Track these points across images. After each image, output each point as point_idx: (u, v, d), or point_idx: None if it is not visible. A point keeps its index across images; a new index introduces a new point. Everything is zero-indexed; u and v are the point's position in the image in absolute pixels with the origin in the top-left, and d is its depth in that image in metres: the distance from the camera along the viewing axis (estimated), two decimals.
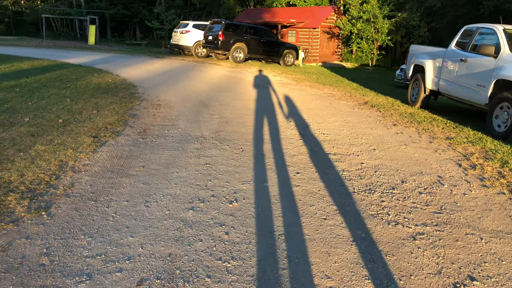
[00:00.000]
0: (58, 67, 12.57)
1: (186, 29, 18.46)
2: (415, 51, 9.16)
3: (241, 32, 16.59)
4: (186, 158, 4.35)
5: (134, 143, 4.85)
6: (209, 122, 6.18)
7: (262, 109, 7.41)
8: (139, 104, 7.38)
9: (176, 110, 6.98)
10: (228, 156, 4.49)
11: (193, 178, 3.76)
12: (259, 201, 3.29)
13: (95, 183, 3.53)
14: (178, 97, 8.28)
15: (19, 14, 35.70)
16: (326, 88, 10.94)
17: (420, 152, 4.99)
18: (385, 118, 7.02)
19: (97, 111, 6.47)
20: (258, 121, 6.36)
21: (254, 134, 5.53)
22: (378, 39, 19.54)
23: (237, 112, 6.99)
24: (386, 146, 5.20)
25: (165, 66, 14.87)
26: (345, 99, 9.06)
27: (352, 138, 5.55)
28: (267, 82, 11.52)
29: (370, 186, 3.77)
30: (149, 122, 5.98)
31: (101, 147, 4.59)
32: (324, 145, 5.13)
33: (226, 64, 16.14)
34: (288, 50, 17.94)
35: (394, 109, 7.89)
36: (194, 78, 11.49)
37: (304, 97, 9.02)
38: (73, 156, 4.18)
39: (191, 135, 5.34)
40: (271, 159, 4.45)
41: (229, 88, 9.92)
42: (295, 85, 11.18)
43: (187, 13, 35.08)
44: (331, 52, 24.35)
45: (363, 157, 4.71)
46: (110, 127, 5.49)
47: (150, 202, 3.19)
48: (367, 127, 6.28)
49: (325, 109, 7.64)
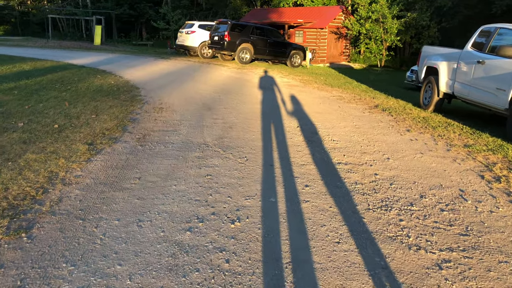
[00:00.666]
0: (60, 68, 12.35)
1: (192, 29, 18.19)
2: (428, 52, 8.79)
3: (247, 32, 16.28)
4: (186, 168, 4.05)
5: (132, 151, 4.55)
6: (213, 127, 5.88)
7: (268, 112, 7.10)
8: (140, 107, 7.10)
9: (179, 114, 6.68)
10: (232, 166, 4.18)
11: (192, 192, 3.45)
12: (265, 221, 2.97)
13: (86, 198, 3.23)
14: (182, 100, 7.99)
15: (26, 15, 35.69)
16: (335, 90, 10.59)
17: (438, 161, 4.64)
18: (397, 123, 6.67)
19: (96, 115, 6.19)
20: (264, 126, 6.04)
21: (259, 141, 5.21)
22: (387, 40, 19.11)
23: (242, 116, 6.68)
24: (400, 155, 4.85)
25: (170, 67, 14.61)
26: (355, 102, 8.72)
27: (364, 146, 5.21)
28: (274, 83, 11.20)
29: (386, 202, 3.43)
30: (149, 127, 5.68)
31: (96, 156, 4.29)
32: (334, 153, 4.80)
33: (232, 65, 15.84)
34: (295, 50, 17.60)
35: (406, 113, 7.53)
36: (199, 80, 11.20)
37: (312, 100, 8.69)
38: (64, 166, 3.89)
39: (192, 142, 5.04)
40: (277, 170, 4.13)
41: (234, 90, 9.61)
42: (303, 87, 10.84)
43: (193, 13, 34.86)
44: (338, 53, 23.96)
45: (377, 167, 4.37)
46: (107, 133, 5.21)
47: (143, 221, 2.89)
48: (379, 133, 5.94)
49: (334, 113, 7.31)
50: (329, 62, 22.93)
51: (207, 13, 34.79)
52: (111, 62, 15.30)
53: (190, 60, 17.17)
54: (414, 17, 20.01)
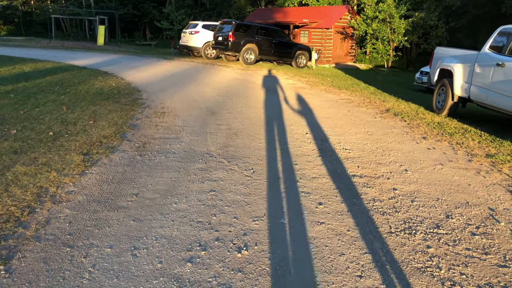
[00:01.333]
0: (61, 69, 12.07)
1: (196, 29, 17.88)
2: (441, 54, 8.42)
3: (252, 32, 15.95)
4: (188, 182, 3.72)
5: (130, 161, 4.23)
6: (217, 134, 5.55)
7: (275, 117, 6.76)
8: (141, 112, 6.78)
9: (181, 119, 6.36)
10: (237, 179, 3.85)
11: (194, 211, 3.13)
12: (275, 249, 2.64)
13: (76, 219, 2.91)
14: (184, 104, 7.67)
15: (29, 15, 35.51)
16: (343, 92, 10.24)
17: (460, 174, 4.29)
18: (412, 129, 6.32)
19: (94, 121, 5.88)
20: (270, 133, 5.71)
21: (266, 150, 4.88)
22: (394, 40, 18.71)
23: (247, 122, 6.35)
24: (419, 166, 4.51)
25: (173, 68, 14.30)
26: (365, 105, 8.36)
27: (379, 155, 4.86)
28: (279, 86, 10.86)
29: (409, 223, 3.09)
30: (150, 135, 5.37)
31: (91, 168, 3.98)
32: (348, 164, 4.46)
33: (236, 66, 15.52)
34: (300, 51, 17.25)
35: (419, 118, 7.17)
36: (202, 82, 10.89)
37: (320, 103, 8.34)
38: (56, 181, 3.57)
39: (195, 151, 4.71)
40: (287, 184, 3.79)
41: (238, 93, 9.28)
42: (309, 89, 10.50)
43: (197, 13, 34.57)
44: (344, 53, 23.57)
45: (395, 180, 4.03)
46: (105, 141, 4.89)
47: (139, 248, 2.56)
48: (394, 140, 5.59)
49: (344, 118, 6.96)
50: (334, 63, 22.56)
51: (211, 13, 34.48)
52: (113, 63, 15.02)
53: (193, 61, 16.86)
54: (422, 17, 19.59)
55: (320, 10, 23.79)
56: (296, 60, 17.22)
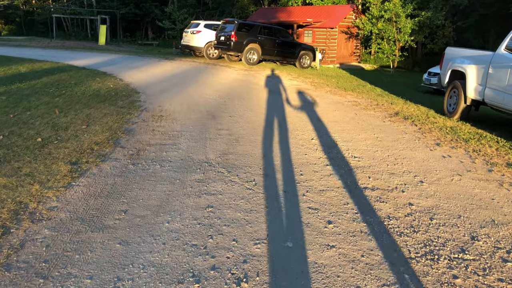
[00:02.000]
0: (59, 70, 11.77)
1: (197, 29, 17.54)
2: (452, 54, 8.05)
3: (255, 32, 15.61)
4: (183, 197, 3.38)
5: (122, 172, 3.90)
6: (217, 140, 5.22)
7: (278, 122, 6.42)
8: (137, 115, 6.45)
9: (180, 124, 6.03)
10: (237, 193, 3.51)
11: (188, 232, 2.79)
12: (279, 280, 2.30)
13: (55, 241, 2.58)
14: (184, 106, 7.34)
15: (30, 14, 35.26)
16: (349, 94, 9.89)
17: (481, 186, 3.94)
18: (424, 134, 5.96)
19: (87, 125, 5.56)
20: (274, 139, 5.37)
21: (270, 158, 4.54)
22: (400, 40, 18.31)
23: (249, 127, 6.01)
24: (435, 177, 4.15)
25: (174, 68, 13.98)
26: (372, 108, 8.00)
27: (391, 164, 4.51)
28: (283, 87, 10.51)
29: (430, 247, 2.74)
30: (145, 140, 5.04)
31: (79, 179, 3.65)
32: (358, 175, 4.11)
33: (239, 66, 15.18)
34: (304, 51, 16.89)
35: (431, 122, 6.81)
36: (203, 83, 10.55)
37: (326, 106, 7.99)
38: (38, 195, 3.24)
39: (193, 160, 4.38)
40: (293, 198, 3.45)
41: (240, 95, 8.94)
42: (314, 91, 10.15)
43: (199, 13, 34.25)
44: (349, 53, 23.19)
45: (410, 193, 3.68)
46: (96, 148, 4.56)
47: (123, 280, 2.23)
48: (406, 147, 5.24)
49: (351, 122, 6.61)
50: (339, 63, 22.19)
51: (214, 12, 34.15)
52: (113, 63, 14.71)
53: (195, 61, 16.53)
54: (429, 16, 19.18)
55: (324, 10, 23.42)
56: (300, 60, 16.87)
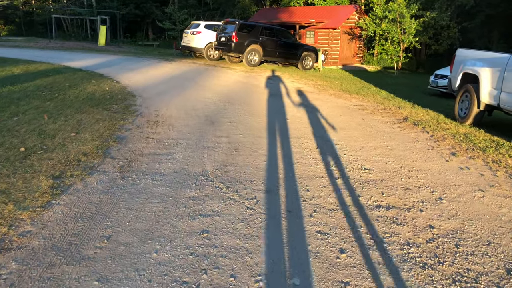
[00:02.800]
0: (54, 72, 11.40)
1: (198, 29, 17.17)
2: (464, 56, 7.66)
3: (256, 33, 15.23)
4: (175, 219, 3.00)
5: (109, 187, 3.52)
6: (215, 149, 4.84)
7: (281, 128, 6.04)
8: (132, 121, 6.08)
9: (176, 130, 5.66)
10: (237, 214, 3.13)
11: (179, 265, 2.41)
12: None
13: (22, 279, 2.20)
14: (181, 111, 6.96)
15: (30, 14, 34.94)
16: (354, 97, 9.50)
17: (508, 205, 3.55)
18: (437, 143, 5.57)
19: (76, 133, 5.18)
20: (277, 148, 4.98)
21: (272, 170, 4.16)
22: (404, 41, 17.91)
23: (250, 134, 5.63)
24: (454, 193, 3.77)
25: (173, 70, 13.61)
26: (379, 113, 7.62)
27: (404, 177, 4.13)
28: (285, 90, 10.13)
29: (460, 283, 2.36)
30: (138, 150, 4.66)
31: (60, 197, 3.27)
32: (370, 190, 3.73)
33: (240, 67, 14.81)
34: (307, 52, 16.51)
35: (442, 129, 6.42)
36: (203, 85, 10.18)
37: (330, 111, 7.61)
38: (10, 217, 2.86)
39: (188, 172, 4.00)
40: (299, 220, 3.07)
41: (241, 98, 8.56)
42: (318, 94, 9.77)
43: (200, 13, 33.89)
44: (351, 54, 22.79)
45: (430, 213, 3.29)
46: (84, 160, 4.19)
47: None
48: (419, 157, 4.85)
49: (358, 128, 6.22)
50: (341, 64, 21.80)
51: (215, 13, 33.78)
52: (111, 65, 14.35)
53: (195, 63, 16.16)
54: (433, 17, 18.77)
55: (327, 10, 23.04)
56: (302, 61, 16.50)
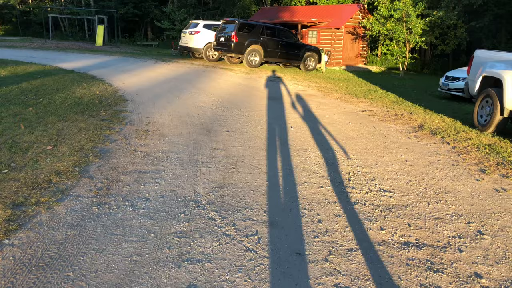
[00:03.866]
0: (44, 73, 10.79)
1: (196, 29, 16.56)
2: (484, 58, 7.03)
3: (257, 33, 14.61)
4: (156, 266, 2.38)
5: (80, 219, 2.90)
6: (210, 165, 4.22)
7: (284, 139, 5.42)
8: (119, 130, 5.47)
9: (168, 142, 5.04)
10: (233, 258, 2.51)
11: None
12: None
13: None
14: (175, 118, 6.35)
15: (27, 14, 34.33)
16: (361, 102, 8.87)
17: None
18: (461, 156, 4.94)
19: (54, 145, 4.57)
20: (280, 163, 4.36)
21: (276, 194, 3.54)
22: (410, 41, 17.27)
23: (250, 145, 5.01)
24: (496, 224, 3.14)
25: (170, 72, 12.99)
26: (391, 120, 6.99)
27: (432, 202, 3.51)
28: (288, 93, 9.51)
29: None
30: (122, 166, 4.05)
31: (16, 234, 2.65)
32: (393, 221, 3.11)
33: (240, 69, 14.19)
34: (309, 53, 15.89)
35: (463, 138, 5.80)
36: (201, 88, 9.56)
37: (337, 117, 6.99)
38: None
39: (177, 197, 3.38)
40: (311, 267, 2.45)
41: (241, 102, 7.94)
42: (322, 98, 9.14)
43: (200, 13, 33.28)
44: (355, 55, 22.16)
45: (471, 254, 2.67)
46: (56, 181, 3.57)
47: None
48: (444, 175, 4.23)
49: (371, 139, 5.60)
50: (345, 65, 21.18)
51: (214, 12, 33.17)
52: (105, 66, 13.74)
53: (193, 63, 15.54)
54: (440, 16, 18.14)
55: (330, 9, 22.41)
56: (305, 62, 15.89)
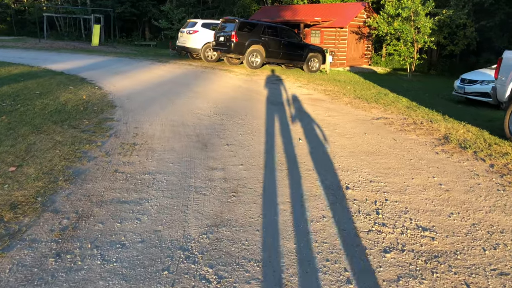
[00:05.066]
0: (29, 76, 10.03)
1: (194, 28, 15.78)
2: None
3: (258, 32, 13.84)
4: None
5: (27, 279, 2.14)
6: (205, 191, 3.46)
7: (292, 154, 4.65)
8: (101, 144, 4.71)
9: (156, 159, 4.28)
10: None
11: None
12: None
13: None
14: (167, 128, 5.59)
15: (22, 13, 33.54)
16: (373, 107, 8.10)
17: None
18: (504, 178, 4.17)
19: (18, 165, 3.81)
20: (289, 191, 3.60)
21: (287, 237, 2.78)
22: (419, 41, 16.49)
23: (253, 164, 4.24)
24: None
25: (166, 73, 12.23)
26: (411, 129, 6.23)
27: (488, 246, 2.75)
28: (293, 98, 8.74)
29: None
30: (97, 194, 3.29)
31: None
32: (444, 277, 2.34)
33: (240, 70, 13.43)
34: (313, 53, 15.11)
35: (498, 153, 5.03)
36: (198, 92, 8.80)
37: (350, 126, 6.22)
38: None
39: (161, 242, 2.62)
40: None
41: (242, 109, 7.18)
42: (331, 103, 8.38)
43: (199, 12, 32.49)
44: (359, 55, 21.37)
45: None
46: (8, 218, 2.81)
47: None
48: (491, 205, 3.46)
49: (393, 154, 4.83)
50: (349, 66, 20.40)
51: (214, 11, 32.38)
52: (98, 67, 12.98)
53: (191, 65, 14.77)
54: (450, 15, 17.35)
55: (333, 8, 21.63)
56: (308, 63, 15.11)
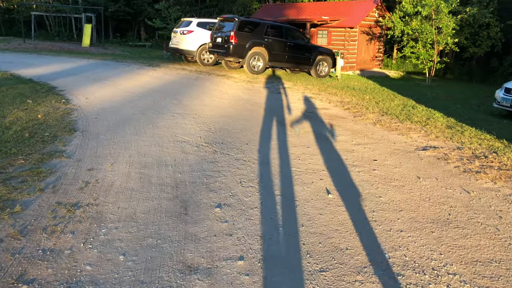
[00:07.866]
0: None
1: (189, 28, 14.04)
2: None
3: (260, 32, 12.09)
4: None
5: None
6: None
7: (319, 227, 2.91)
8: (22, 210, 2.98)
9: (99, 243, 2.60)
10: None
11: None
12: None
13: None
14: (135, 171, 3.86)
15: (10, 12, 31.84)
16: (410, 128, 6.35)
17: None
18: None
19: None
20: None
21: None
22: (440, 42, 14.75)
23: (260, 254, 2.50)
24: None
25: (154, 80, 10.49)
26: (477, 168, 4.49)
27: None
28: (305, 114, 6.99)
29: None
30: None
31: None
32: None
33: (240, 75, 11.69)
34: (322, 56, 13.38)
35: None
36: (187, 107, 7.07)
37: (392, 164, 4.48)
38: None
39: None
40: None
41: (242, 134, 5.43)
42: (354, 121, 6.63)
43: (196, 11, 30.75)
44: (370, 57, 19.61)
45: None
46: None
47: None
48: None
49: (477, 225, 3.10)
50: (359, 69, 18.66)
51: (212, 10, 30.61)
52: (76, 73, 11.25)
53: (185, 69, 13.03)
54: (473, 14, 15.62)
55: (342, 6, 19.87)
56: (317, 67, 13.38)
